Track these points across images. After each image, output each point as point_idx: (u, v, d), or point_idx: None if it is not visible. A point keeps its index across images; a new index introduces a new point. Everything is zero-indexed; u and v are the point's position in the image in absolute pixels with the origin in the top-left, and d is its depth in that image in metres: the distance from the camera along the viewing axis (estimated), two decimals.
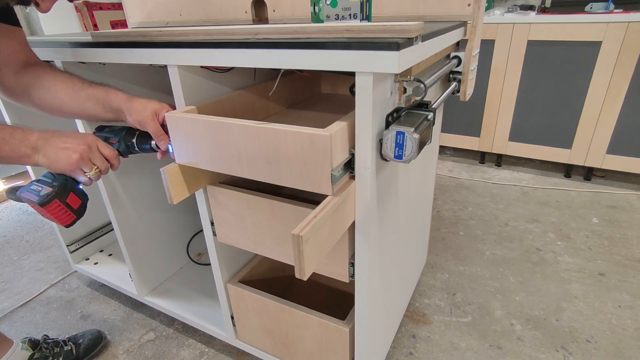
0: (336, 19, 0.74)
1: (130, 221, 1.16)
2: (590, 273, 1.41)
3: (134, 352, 1.17)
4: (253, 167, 0.66)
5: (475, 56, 0.94)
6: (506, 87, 2.06)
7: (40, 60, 0.85)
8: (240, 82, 0.91)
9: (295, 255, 0.54)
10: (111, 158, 0.79)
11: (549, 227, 1.69)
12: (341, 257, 0.75)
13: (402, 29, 0.54)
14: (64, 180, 0.75)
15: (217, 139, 0.67)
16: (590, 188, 2.02)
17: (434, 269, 1.47)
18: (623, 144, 1.90)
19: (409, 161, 0.63)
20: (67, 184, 0.75)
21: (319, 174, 0.60)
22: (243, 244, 0.86)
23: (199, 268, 1.36)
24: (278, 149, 0.62)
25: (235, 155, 0.67)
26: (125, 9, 1.39)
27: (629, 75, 1.77)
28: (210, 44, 0.67)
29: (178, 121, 0.70)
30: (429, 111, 0.68)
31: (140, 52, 0.76)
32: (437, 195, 2.02)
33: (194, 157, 0.72)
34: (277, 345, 0.99)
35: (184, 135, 0.71)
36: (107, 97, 0.79)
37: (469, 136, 2.28)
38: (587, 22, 1.77)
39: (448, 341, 1.16)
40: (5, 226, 1.94)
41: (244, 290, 0.95)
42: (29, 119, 1.22)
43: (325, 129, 0.58)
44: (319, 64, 0.59)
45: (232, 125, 0.64)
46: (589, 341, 1.14)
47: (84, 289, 1.46)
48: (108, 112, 0.80)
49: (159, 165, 0.77)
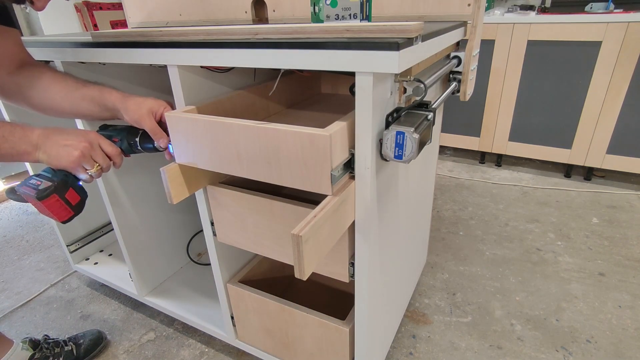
0: (336, 19, 0.74)
1: (130, 221, 1.16)
2: (590, 273, 1.41)
3: (134, 352, 1.17)
4: (253, 167, 0.66)
5: (475, 56, 0.94)
6: (506, 87, 2.06)
7: (35, 60, 0.84)
8: (240, 82, 0.91)
9: (295, 255, 0.54)
10: (113, 156, 0.78)
11: (549, 227, 1.69)
12: (341, 257, 0.75)
13: (402, 29, 0.54)
14: (64, 176, 0.74)
15: (217, 139, 0.67)
16: (590, 188, 2.02)
17: (434, 269, 1.47)
18: (623, 144, 1.90)
19: (409, 161, 0.63)
20: (68, 180, 0.75)
21: (319, 174, 0.60)
22: (243, 244, 0.86)
23: (199, 268, 1.36)
24: (278, 149, 0.62)
25: (235, 155, 0.67)
26: (125, 9, 1.39)
27: (629, 75, 1.77)
28: (210, 44, 0.67)
29: (178, 121, 0.70)
30: (429, 111, 0.68)
31: (140, 52, 0.76)
32: (437, 195, 2.02)
33: (194, 157, 0.72)
34: (277, 345, 0.99)
35: (184, 135, 0.71)
36: (101, 97, 0.79)
37: (469, 136, 2.28)
38: (587, 22, 1.77)
39: (448, 341, 1.16)
40: (5, 226, 1.94)
41: (244, 290, 0.95)
42: (29, 118, 1.22)
43: (325, 129, 0.58)
44: (319, 64, 0.59)
45: (232, 125, 0.64)
46: (589, 341, 1.14)
47: (84, 289, 1.46)
48: (104, 111, 0.80)
49: (159, 165, 0.77)
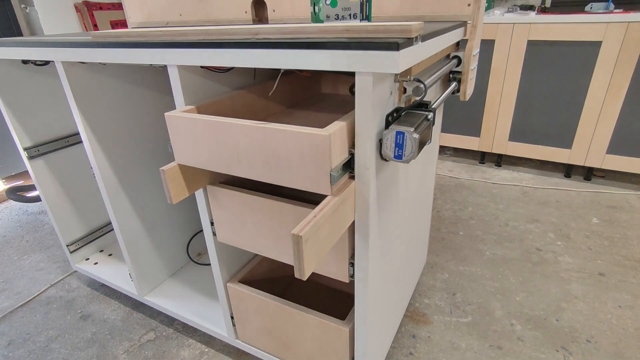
0: (336, 19, 0.74)
1: (130, 221, 1.16)
2: (590, 273, 1.41)
3: (134, 352, 1.17)
4: (253, 167, 0.66)
5: (475, 56, 0.94)
6: (506, 87, 2.06)
7: None
8: (240, 82, 0.91)
9: (294, 255, 0.54)
10: None
11: (549, 227, 1.69)
12: (341, 257, 0.75)
13: (402, 28, 0.54)
14: None
15: (217, 139, 0.67)
16: (590, 188, 2.02)
17: (434, 269, 1.47)
18: (623, 144, 1.90)
19: (409, 161, 0.63)
20: None
21: (318, 174, 0.60)
22: (243, 244, 0.86)
23: (199, 268, 1.36)
24: (277, 149, 0.62)
25: (235, 155, 0.67)
26: (125, 9, 1.39)
27: (629, 75, 1.77)
28: (210, 44, 0.67)
29: (178, 121, 0.70)
30: (429, 111, 0.68)
31: (140, 52, 0.76)
32: (437, 195, 2.02)
33: (194, 157, 0.72)
34: (277, 345, 0.99)
35: (183, 135, 0.71)
36: None
37: (469, 136, 2.27)
38: (587, 22, 1.76)
39: (448, 341, 1.16)
40: (5, 226, 1.94)
41: (243, 290, 0.95)
42: (29, 118, 1.22)
43: (324, 129, 0.58)
44: (319, 64, 0.59)
45: (232, 125, 0.64)
46: (589, 341, 1.14)
47: (84, 289, 1.46)
48: None
49: (159, 165, 0.77)
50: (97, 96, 1.02)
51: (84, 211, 1.43)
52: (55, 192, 1.32)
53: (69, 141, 1.33)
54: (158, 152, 1.20)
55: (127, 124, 1.11)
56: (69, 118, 1.33)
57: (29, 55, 0.95)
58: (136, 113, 1.13)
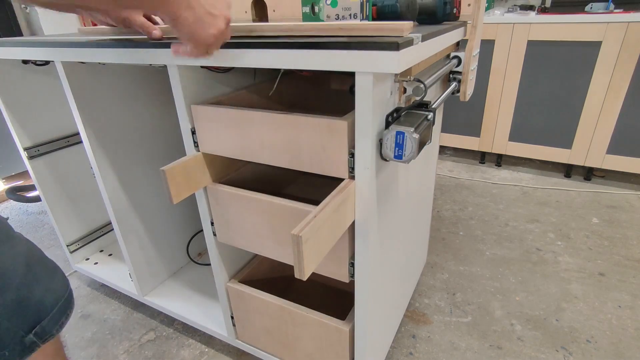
0: (336, 19, 0.74)
1: (130, 221, 1.16)
2: (590, 273, 1.41)
3: (134, 352, 1.17)
4: (275, 154, 0.71)
5: (475, 56, 0.94)
6: (506, 87, 2.06)
7: None
8: (240, 82, 0.91)
9: (294, 256, 0.54)
10: None
11: (549, 227, 1.69)
12: (341, 257, 0.75)
13: (393, 27, 0.55)
14: None
15: (241, 128, 0.72)
16: (590, 188, 2.02)
17: (434, 269, 1.47)
18: (623, 144, 1.90)
19: (409, 161, 0.63)
20: None
21: (337, 158, 0.65)
22: (243, 244, 0.86)
23: (199, 268, 1.36)
24: (298, 136, 0.66)
25: (259, 142, 0.72)
26: None
27: (629, 75, 1.77)
28: None
29: (205, 112, 0.74)
30: (429, 111, 0.68)
31: (140, 52, 0.76)
32: (437, 195, 2.02)
33: (219, 146, 0.77)
34: (277, 345, 0.99)
35: (208, 125, 0.76)
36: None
37: (469, 136, 2.27)
38: (587, 22, 1.76)
39: (448, 341, 1.16)
40: None
41: (244, 290, 0.95)
42: (31, 118, 1.22)
43: (342, 117, 0.64)
44: (319, 64, 0.59)
45: (255, 115, 0.70)
46: (589, 341, 1.14)
47: (84, 289, 1.46)
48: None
49: (159, 165, 0.77)
50: (97, 96, 1.02)
51: (84, 211, 1.43)
52: (55, 192, 1.32)
53: (69, 141, 1.33)
54: (158, 152, 1.20)
55: (127, 124, 1.11)
56: (69, 118, 1.33)
57: (29, 55, 0.95)
58: (136, 113, 1.13)
